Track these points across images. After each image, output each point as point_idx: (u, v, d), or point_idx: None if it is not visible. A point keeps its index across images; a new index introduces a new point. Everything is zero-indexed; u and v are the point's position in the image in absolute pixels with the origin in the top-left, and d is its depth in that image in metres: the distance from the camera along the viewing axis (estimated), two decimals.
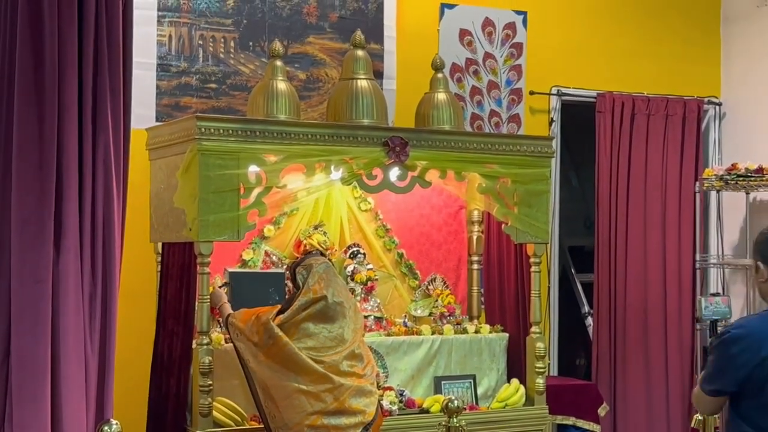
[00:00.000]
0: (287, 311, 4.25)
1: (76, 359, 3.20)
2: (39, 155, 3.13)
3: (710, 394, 3.41)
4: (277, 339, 4.19)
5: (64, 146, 3.17)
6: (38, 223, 3.13)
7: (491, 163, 5.03)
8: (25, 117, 3.13)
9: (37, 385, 3.10)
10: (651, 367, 6.55)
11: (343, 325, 4.28)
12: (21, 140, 3.13)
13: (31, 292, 3.11)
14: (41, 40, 3.14)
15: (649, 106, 6.61)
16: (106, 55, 3.26)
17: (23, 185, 3.13)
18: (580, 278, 7.47)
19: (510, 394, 5.13)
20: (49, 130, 3.14)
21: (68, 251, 3.18)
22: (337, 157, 4.70)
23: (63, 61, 3.16)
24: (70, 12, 3.19)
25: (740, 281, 6.81)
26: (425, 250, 5.55)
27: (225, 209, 4.45)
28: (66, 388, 3.16)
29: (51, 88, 3.14)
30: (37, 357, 3.11)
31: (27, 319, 3.11)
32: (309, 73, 5.77)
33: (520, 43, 6.33)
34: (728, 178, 6.33)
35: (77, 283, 3.20)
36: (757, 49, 6.76)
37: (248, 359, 4.31)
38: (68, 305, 3.17)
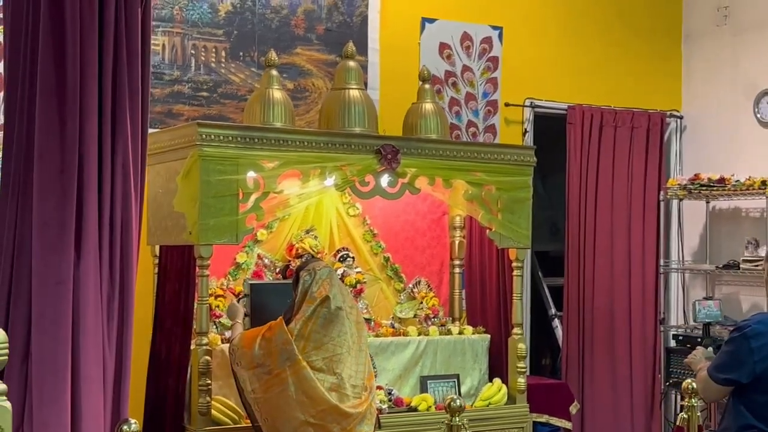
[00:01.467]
0: (294, 322, 4.09)
1: (94, 360, 3.11)
2: (60, 159, 3.05)
3: (722, 383, 3.44)
4: (296, 362, 3.99)
5: (84, 151, 3.09)
6: (59, 226, 3.04)
7: (477, 171, 5.02)
8: (47, 122, 3.04)
9: (58, 385, 3.01)
10: (617, 366, 6.59)
11: (348, 331, 4.14)
12: (42, 144, 3.04)
13: (52, 293, 3.02)
14: (63, 47, 3.06)
15: (616, 119, 6.65)
16: (125, 62, 3.19)
17: (44, 188, 3.04)
18: (547, 282, 7.49)
19: (493, 393, 5.12)
20: (71, 134, 3.05)
21: (88, 253, 3.09)
22: (332, 163, 4.65)
23: (84, 68, 3.09)
24: (90, 19, 3.11)
25: (699, 285, 6.89)
26: (410, 254, 5.52)
27: (224, 213, 4.39)
28: (85, 388, 3.08)
29: (72, 93, 3.06)
30: (58, 357, 3.02)
31: (47, 319, 3.02)
32: (296, 82, 5.72)
33: (496, 57, 6.34)
34: (691, 187, 6.41)
35: (96, 284, 3.12)
36: (716, 65, 6.85)
37: (252, 390, 4.09)
38: (88, 306, 3.09)
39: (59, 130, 3.05)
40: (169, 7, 5.33)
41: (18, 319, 3.05)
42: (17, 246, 3.08)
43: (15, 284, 3.07)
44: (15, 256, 3.08)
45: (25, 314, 3.05)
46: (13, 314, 3.06)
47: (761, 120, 6.48)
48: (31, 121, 3.07)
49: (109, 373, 3.19)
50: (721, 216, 6.76)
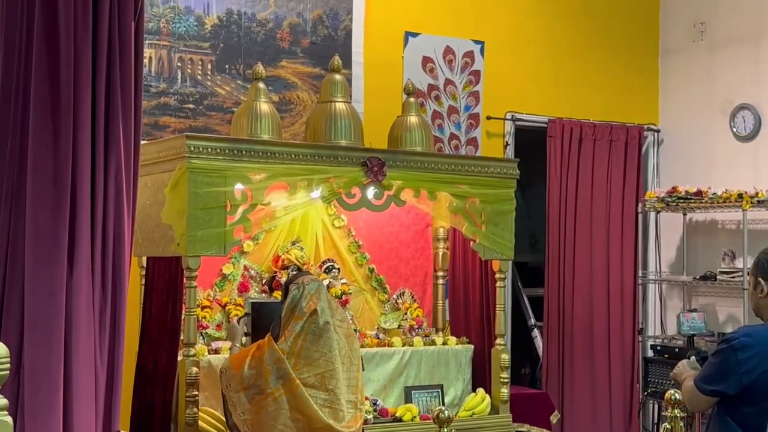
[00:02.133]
0: (284, 339, 4.04)
1: (86, 371, 3.08)
2: (54, 171, 3.02)
3: (709, 394, 3.44)
4: (289, 380, 3.95)
5: (77, 162, 3.06)
6: (52, 237, 3.01)
7: (461, 184, 5.02)
8: (41, 133, 3.01)
9: (50, 396, 2.97)
10: (596, 376, 6.61)
11: (338, 346, 4.09)
12: (36, 156, 3.01)
13: (44, 304, 2.99)
14: (57, 59, 3.04)
15: (595, 132, 6.69)
16: (118, 75, 3.16)
17: (38, 199, 3.01)
18: (526, 292, 7.50)
19: (477, 403, 5.12)
20: (64, 146, 3.03)
21: (80, 265, 3.06)
22: (319, 176, 4.64)
23: (77, 80, 3.06)
24: (84, 32, 3.09)
25: (676, 296, 6.93)
26: (394, 266, 5.52)
27: (212, 225, 4.36)
28: (77, 399, 3.04)
29: (66, 106, 3.03)
30: (50, 368, 2.98)
31: (40, 330, 2.99)
32: (282, 95, 5.71)
33: (478, 70, 6.36)
34: (669, 200, 6.45)
35: (89, 295, 3.09)
36: (692, 80, 6.91)
37: (241, 412, 4.02)
38: (80, 317, 3.06)
39: (53, 141, 3.02)
40: (155, 19, 5.31)
41: (11, 330, 3.02)
42: (10, 257, 3.05)
43: (8, 295, 3.03)
44: (8, 267, 3.05)
45: (18, 325, 3.01)
46: (6, 325, 3.03)
47: (737, 134, 6.54)
48: (24, 133, 3.04)
49: (100, 385, 3.15)
50: (698, 228, 6.81)
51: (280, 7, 5.72)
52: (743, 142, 6.52)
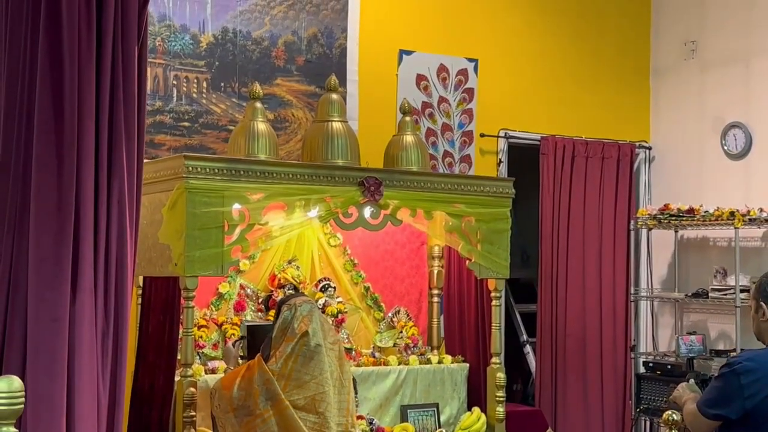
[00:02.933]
0: (275, 359, 4.05)
1: (89, 398, 3.05)
2: (57, 197, 2.99)
3: (712, 418, 3.46)
4: (278, 402, 3.97)
5: (81, 188, 3.04)
6: (56, 263, 2.99)
7: (458, 203, 5.03)
8: (45, 160, 2.99)
9: (53, 423, 2.94)
10: (589, 392, 6.63)
11: (329, 368, 4.11)
12: (39, 182, 2.99)
13: (47, 331, 2.96)
14: (60, 84, 3.01)
15: (587, 149, 6.72)
16: (122, 100, 3.14)
17: (41, 225, 2.98)
18: (518, 308, 7.51)
19: (472, 422, 5.12)
20: (68, 172, 3.00)
21: (83, 290, 3.04)
22: (316, 195, 4.64)
23: (81, 106, 3.04)
24: (88, 58, 3.07)
25: (668, 313, 6.96)
26: (389, 284, 5.52)
27: (210, 245, 4.35)
28: (80, 426, 3.01)
29: (70, 131, 3.01)
30: (53, 395, 2.95)
31: (43, 357, 2.96)
32: (277, 113, 5.71)
33: (471, 88, 6.38)
34: (661, 217, 6.47)
35: (91, 321, 3.06)
36: (683, 97, 6.95)
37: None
38: (83, 343, 3.03)
39: (56, 168, 3.00)
40: (151, 38, 5.30)
41: (13, 357, 2.99)
42: (12, 283, 3.02)
43: (10, 321, 3.01)
44: (10, 294, 3.02)
45: (20, 352, 2.99)
46: (8, 352, 3.00)
47: (728, 152, 6.58)
48: (28, 159, 3.02)
49: (102, 411, 3.13)
50: (690, 245, 6.84)
51: (275, 25, 5.72)
52: (734, 160, 6.56)
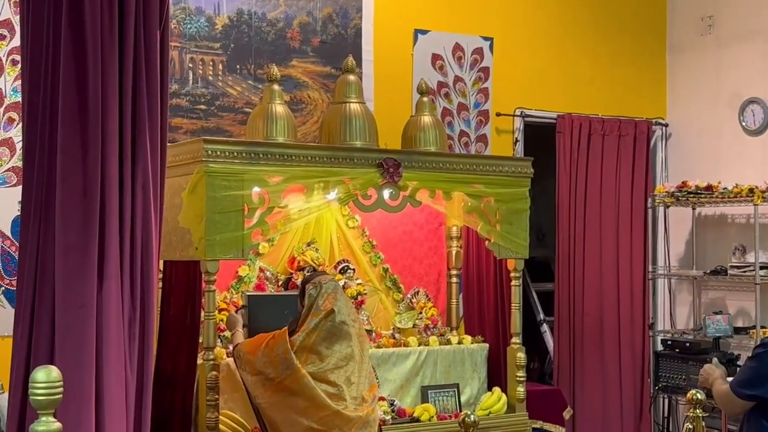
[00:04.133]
0: (299, 333, 4.10)
1: (117, 383, 3.07)
2: (83, 183, 3.00)
3: (746, 398, 3.45)
4: (295, 370, 4.00)
5: (106, 174, 3.04)
6: (82, 250, 3.00)
7: (477, 183, 5.02)
8: (69, 146, 2.99)
9: (82, 408, 2.96)
10: (607, 371, 6.63)
11: (351, 344, 4.15)
12: (65, 169, 3.00)
13: (74, 318, 2.98)
14: (84, 71, 3.01)
15: (604, 127, 6.69)
16: (144, 85, 3.15)
17: (68, 213, 2.99)
18: (534, 287, 7.51)
19: (493, 402, 5.13)
20: (93, 158, 3.01)
21: (110, 277, 3.05)
22: (335, 177, 4.64)
23: (105, 92, 3.04)
24: (111, 44, 3.07)
25: (686, 290, 6.95)
26: (408, 265, 5.52)
27: (230, 229, 4.36)
28: (108, 410, 3.03)
29: (94, 118, 3.01)
30: (82, 381, 2.97)
31: (71, 343, 2.98)
32: (293, 95, 5.70)
33: (487, 67, 6.35)
34: (679, 194, 6.45)
35: (118, 307, 3.07)
36: (700, 74, 6.91)
37: (255, 395, 4.13)
38: (110, 329, 3.05)
39: (81, 154, 3.00)
40: None
41: (41, 344, 3.01)
42: (39, 270, 3.04)
43: (37, 309, 3.02)
44: (37, 281, 3.03)
45: (48, 339, 3.00)
46: (36, 339, 3.02)
47: (746, 128, 6.55)
48: (52, 146, 3.03)
49: (130, 396, 3.15)
50: (707, 222, 6.82)
51: (290, 6, 5.70)
52: (752, 136, 6.53)
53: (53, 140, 3.03)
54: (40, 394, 2.12)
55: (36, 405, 2.12)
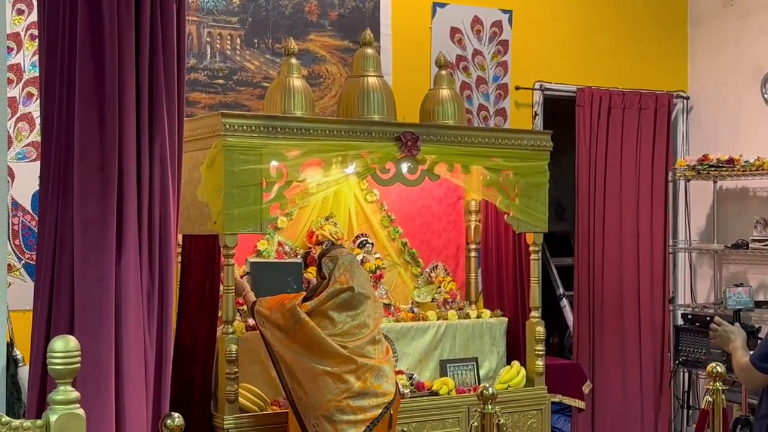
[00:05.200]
0: (314, 299, 4.21)
1: (136, 355, 3.09)
2: (100, 157, 3.01)
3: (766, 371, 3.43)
4: (304, 324, 4.14)
5: (123, 148, 3.05)
6: (100, 223, 3.01)
7: (495, 157, 5.00)
8: (87, 120, 3.00)
9: (101, 381, 2.99)
10: (626, 345, 6.61)
11: (365, 313, 4.25)
12: (83, 143, 3.01)
13: (93, 291, 3.00)
14: (101, 45, 3.01)
15: (624, 100, 6.64)
16: (161, 58, 3.14)
17: (85, 187, 3.00)
18: (554, 262, 7.49)
19: (512, 375, 5.13)
20: (110, 132, 3.02)
21: (128, 250, 3.07)
22: (353, 151, 4.63)
23: (122, 66, 3.04)
24: (127, 16, 3.06)
25: (706, 264, 6.91)
26: (426, 239, 5.51)
27: (249, 203, 4.37)
28: (128, 383, 3.06)
29: (111, 92, 3.02)
30: (101, 354, 3.00)
31: (90, 316, 3.00)
32: (311, 69, 5.68)
33: (506, 40, 6.31)
34: (700, 168, 6.40)
35: (137, 280, 3.09)
36: (721, 46, 6.83)
37: (274, 344, 4.27)
38: (129, 303, 3.07)
39: (99, 128, 3.01)
40: None
41: (60, 318, 3.03)
42: (58, 244, 3.05)
43: (57, 283, 3.04)
44: (56, 255, 3.05)
45: (68, 312, 3.02)
46: (56, 313, 3.04)
47: None
48: (69, 120, 3.03)
49: (150, 369, 3.17)
50: (728, 196, 6.77)
51: None
52: None
53: (71, 114, 3.03)
54: (58, 363, 2.13)
55: (54, 374, 2.14)
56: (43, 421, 2.10)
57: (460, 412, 4.86)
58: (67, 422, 2.07)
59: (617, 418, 6.56)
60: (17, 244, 4.81)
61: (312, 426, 4.12)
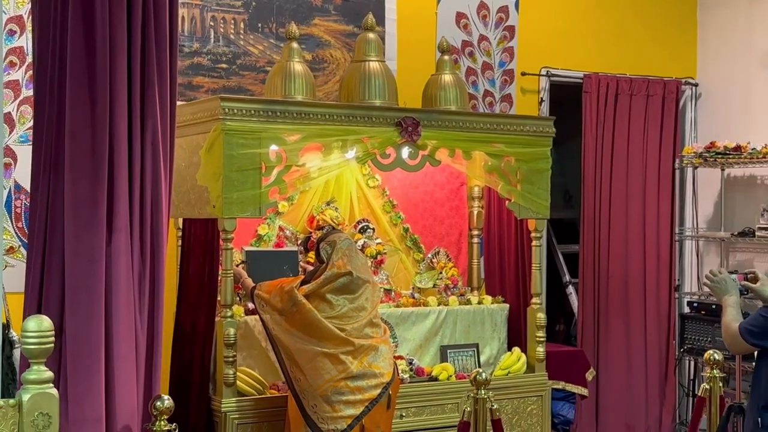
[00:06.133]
0: (311, 283, 4.23)
1: (127, 336, 3.11)
2: (91, 138, 3.02)
3: (753, 345, 3.45)
4: (301, 306, 4.18)
5: (114, 129, 3.06)
6: (91, 204, 3.03)
7: (497, 143, 4.99)
8: (78, 101, 3.01)
9: (92, 361, 3.01)
10: (631, 333, 6.59)
11: (363, 296, 4.28)
12: (74, 123, 3.02)
13: (84, 271, 3.01)
14: (92, 25, 3.02)
15: (632, 87, 6.60)
16: (153, 40, 3.15)
17: (76, 167, 3.02)
18: (561, 249, 7.47)
19: (512, 362, 5.13)
20: (101, 113, 3.03)
21: (119, 231, 3.08)
22: (354, 136, 4.63)
23: (113, 46, 3.05)
24: None
25: (713, 252, 6.87)
26: (429, 225, 5.51)
27: (247, 187, 4.38)
28: (118, 364, 3.08)
29: (102, 72, 3.02)
30: (91, 335, 3.01)
31: (81, 297, 3.02)
32: (315, 54, 5.67)
33: (512, 26, 6.27)
34: (707, 155, 6.36)
35: (128, 261, 3.11)
36: (731, 32, 6.78)
37: (273, 327, 4.30)
38: (119, 284, 3.08)
39: (90, 109, 3.02)
40: None
41: (51, 297, 3.05)
42: (50, 224, 3.07)
43: (48, 262, 3.06)
44: (47, 235, 3.07)
45: (59, 292, 3.04)
46: (47, 292, 3.06)
47: None
48: (61, 100, 3.04)
49: (141, 350, 3.19)
50: (736, 183, 6.72)
51: None
52: None
53: (62, 95, 3.04)
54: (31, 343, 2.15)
55: (27, 354, 2.15)
56: (15, 401, 2.11)
57: (459, 397, 4.87)
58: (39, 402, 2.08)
59: (622, 405, 6.55)
60: (20, 226, 4.83)
61: (311, 408, 4.14)
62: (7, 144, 4.83)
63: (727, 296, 3.68)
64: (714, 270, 3.88)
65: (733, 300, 3.67)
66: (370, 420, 4.13)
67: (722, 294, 3.71)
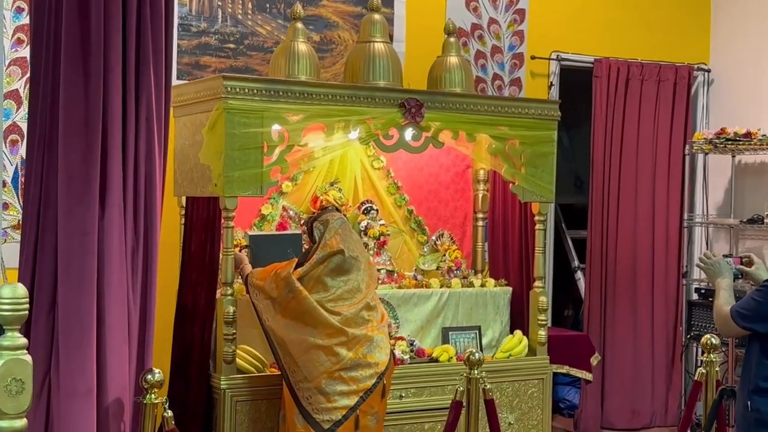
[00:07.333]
0: (305, 264, 4.22)
1: (119, 311, 3.13)
2: (85, 113, 3.03)
3: (744, 328, 3.43)
4: (297, 292, 4.15)
5: (108, 104, 3.07)
6: (84, 178, 3.04)
7: (501, 125, 4.97)
8: (72, 76, 3.02)
9: (84, 334, 3.03)
10: (638, 319, 6.57)
11: (358, 277, 4.26)
12: (67, 98, 3.03)
13: (77, 246, 3.03)
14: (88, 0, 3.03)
15: (643, 72, 6.55)
16: (148, 15, 3.16)
17: (70, 142, 3.03)
18: (570, 234, 7.44)
19: (514, 344, 5.12)
20: (95, 88, 3.04)
21: (112, 206, 3.10)
22: (356, 117, 4.62)
23: (108, 21, 3.06)
24: None
25: (723, 239, 6.82)
26: (433, 207, 5.50)
27: (249, 166, 4.38)
28: (110, 338, 3.10)
29: (96, 47, 3.04)
30: (83, 307, 3.04)
31: (73, 270, 3.04)
32: (323, 35, 5.66)
33: (522, 9, 6.24)
34: (717, 141, 6.31)
35: (121, 237, 3.12)
36: (745, 18, 6.71)
37: (266, 318, 4.27)
38: (112, 259, 3.10)
39: (84, 84, 3.03)
40: None
41: (44, 271, 3.07)
42: (43, 199, 3.09)
43: (41, 236, 3.08)
44: (41, 209, 3.09)
45: (51, 266, 3.06)
46: (40, 266, 3.08)
47: None
48: (55, 75, 3.06)
49: (133, 324, 3.20)
50: (747, 170, 6.67)
51: None
52: None
53: (57, 69, 3.06)
54: (6, 309, 2.16)
55: (2, 321, 2.17)
56: None
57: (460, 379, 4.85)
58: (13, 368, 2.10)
59: (628, 391, 6.53)
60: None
61: (305, 399, 4.12)
62: (15, 121, 4.87)
63: (720, 278, 3.66)
64: (708, 252, 3.86)
65: (726, 283, 3.64)
66: (365, 404, 4.12)
67: (715, 276, 3.69)
